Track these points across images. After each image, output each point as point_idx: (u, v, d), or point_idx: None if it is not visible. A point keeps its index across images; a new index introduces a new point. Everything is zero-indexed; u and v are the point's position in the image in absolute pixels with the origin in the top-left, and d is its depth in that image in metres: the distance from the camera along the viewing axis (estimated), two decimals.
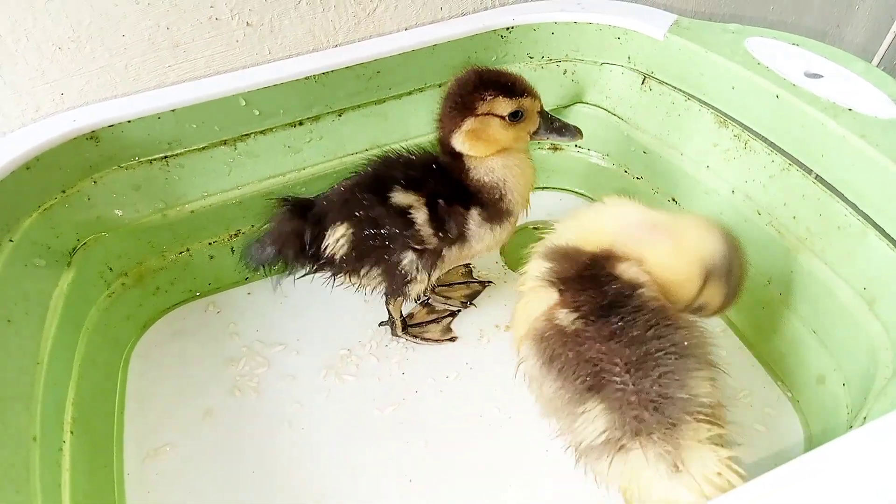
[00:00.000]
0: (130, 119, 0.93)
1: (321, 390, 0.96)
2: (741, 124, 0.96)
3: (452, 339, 1.03)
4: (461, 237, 0.88)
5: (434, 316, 1.05)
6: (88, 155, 0.92)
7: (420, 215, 0.85)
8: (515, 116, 0.83)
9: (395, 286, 0.90)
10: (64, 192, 0.92)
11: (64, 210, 0.91)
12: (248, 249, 0.89)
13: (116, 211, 0.97)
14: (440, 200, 0.86)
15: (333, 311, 1.06)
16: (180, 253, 1.05)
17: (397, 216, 0.85)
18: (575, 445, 0.68)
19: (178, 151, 0.98)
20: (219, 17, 0.97)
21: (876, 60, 1.45)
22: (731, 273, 0.70)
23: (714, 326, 1.01)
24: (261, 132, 1.02)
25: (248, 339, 1.03)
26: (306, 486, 0.85)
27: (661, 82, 1.07)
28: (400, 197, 0.85)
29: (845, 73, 0.89)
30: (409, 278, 0.89)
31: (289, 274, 0.90)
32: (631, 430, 0.63)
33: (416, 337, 1.02)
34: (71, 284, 0.90)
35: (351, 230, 0.86)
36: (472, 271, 1.13)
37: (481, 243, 0.90)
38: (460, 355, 1.00)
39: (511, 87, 0.82)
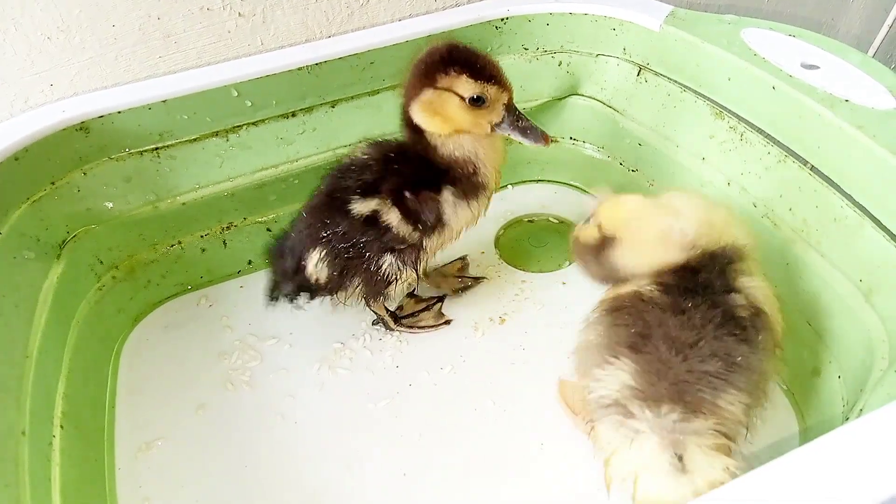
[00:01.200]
0: (121, 110, 0.92)
1: (314, 384, 0.95)
2: (737, 116, 0.95)
3: (447, 322, 1.02)
4: (440, 222, 0.87)
5: (423, 304, 1.05)
6: (78, 146, 0.91)
7: (392, 217, 0.84)
8: (477, 102, 0.78)
9: (376, 290, 0.90)
10: (53, 183, 0.90)
11: (53, 202, 0.90)
12: (271, 291, 0.94)
13: (107, 203, 0.96)
14: (406, 193, 0.84)
15: (326, 304, 1.05)
16: (172, 246, 1.04)
17: (367, 225, 0.84)
18: (586, 394, 0.68)
19: (170, 143, 0.97)
20: (210, 8, 0.96)
21: (871, 52, 1.45)
22: None
23: None
24: (253, 123, 1.01)
25: (240, 332, 1.02)
26: (299, 480, 0.85)
27: (657, 74, 1.06)
28: (360, 206, 0.83)
29: (842, 64, 0.89)
30: (390, 280, 0.88)
31: (301, 306, 0.93)
32: (642, 395, 0.62)
33: (411, 327, 1.01)
34: (61, 277, 0.89)
35: (324, 252, 0.86)
36: (468, 266, 1.12)
37: (460, 222, 0.89)
38: (455, 348, 0.99)
39: (480, 69, 0.78)
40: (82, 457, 0.82)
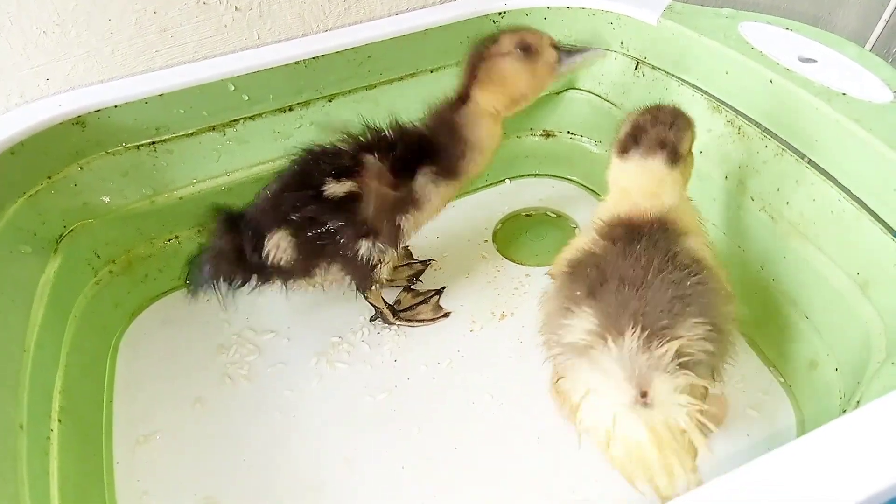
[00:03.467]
0: (117, 104, 0.91)
1: (313, 377, 0.95)
2: (735, 110, 0.95)
3: (446, 315, 1.03)
4: (414, 202, 0.87)
5: (420, 298, 1.05)
6: (75, 140, 0.91)
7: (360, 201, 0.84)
8: (526, 51, 0.84)
9: (363, 275, 0.89)
10: (50, 178, 0.90)
11: (50, 196, 0.90)
12: (189, 272, 0.88)
13: (103, 197, 0.96)
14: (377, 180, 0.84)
15: (324, 297, 1.05)
16: (169, 240, 1.04)
17: (338, 209, 0.83)
18: (553, 346, 0.70)
19: (166, 137, 0.97)
20: (207, 2, 0.95)
21: (869, 45, 1.45)
22: None
23: None
24: (250, 118, 1.01)
25: (238, 326, 1.02)
26: (298, 474, 0.85)
27: (655, 68, 1.06)
28: (335, 187, 0.83)
29: (839, 57, 0.89)
30: (374, 262, 0.88)
31: (237, 288, 0.88)
32: (604, 333, 0.63)
33: (409, 321, 1.01)
34: (58, 272, 0.89)
35: (289, 235, 0.84)
36: (411, 253, 1.13)
37: (438, 200, 0.89)
38: (453, 342, 0.99)
39: (507, 33, 0.84)
40: (80, 451, 0.82)
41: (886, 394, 0.54)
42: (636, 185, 0.74)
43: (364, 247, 0.86)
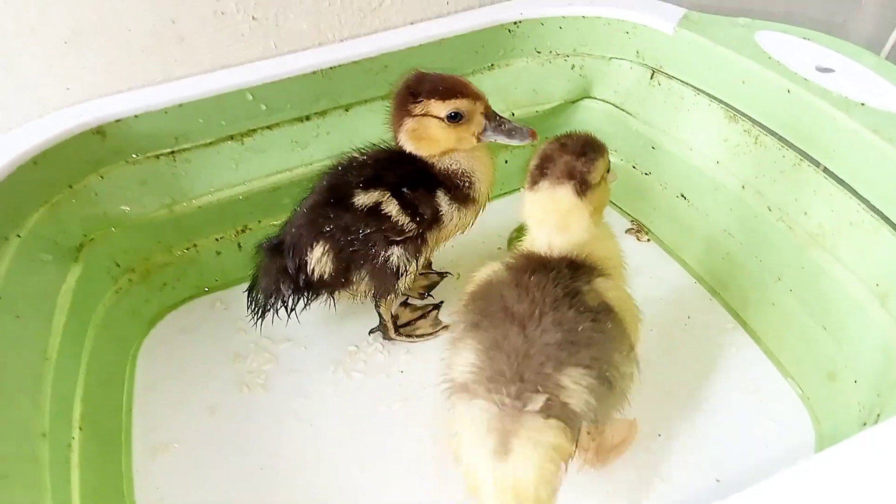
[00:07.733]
0: (137, 114, 0.92)
1: (329, 386, 0.96)
2: (751, 119, 0.95)
3: (445, 328, 1.03)
4: (436, 217, 0.89)
5: (419, 312, 1.05)
6: (95, 150, 0.92)
7: (391, 207, 0.85)
8: (454, 118, 0.84)
9: (386, 284, 0.90)
10: (71, 187, 0.91)
11: (71, 205, 0.91)
12: (252, 302, 0.92)
13: (123, 206, 0.97)
14: (404, 188, 0.86)
15: (341, 306, 1.05)
16: (187, 249, 1.05)
17: (369, 216, 0.85)
18: (447, 381, 0.68)
19: (185, 146, 0.98)
20: (224, 11, 0.96)
21: (884, 53, 1.44)
22: None
23: (724, 323, 1.01)
24: (267, 127, 1.01)
25: (255, 335, 1.02)
26: (314, 482, 0.85)
27: (671, 77, 1.06)
28: (363, 198, 0.85)
29: (857, 67, 0.89)
30: (399, 272, 0.89)
31: (292, 308, 0.91)
32: (485, 377, 0.62)
33: (409, 336, 1.02)
34: (78, 280, 0.90)
35: (328, 246, 0.86)
36: (430, 263, 1.13)
37: (451, 223, 0.91)
38: None
39: (445, 89, 0.84)
40: (100, 459, 0.83)
41: None
42: (547, 217, 0.70)
43: (395, 254, 0.87)
